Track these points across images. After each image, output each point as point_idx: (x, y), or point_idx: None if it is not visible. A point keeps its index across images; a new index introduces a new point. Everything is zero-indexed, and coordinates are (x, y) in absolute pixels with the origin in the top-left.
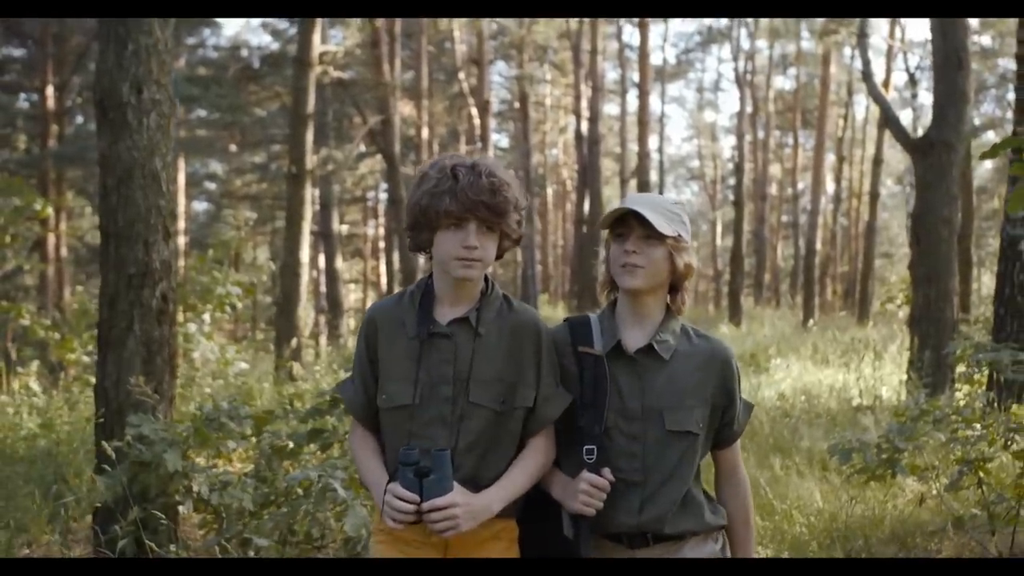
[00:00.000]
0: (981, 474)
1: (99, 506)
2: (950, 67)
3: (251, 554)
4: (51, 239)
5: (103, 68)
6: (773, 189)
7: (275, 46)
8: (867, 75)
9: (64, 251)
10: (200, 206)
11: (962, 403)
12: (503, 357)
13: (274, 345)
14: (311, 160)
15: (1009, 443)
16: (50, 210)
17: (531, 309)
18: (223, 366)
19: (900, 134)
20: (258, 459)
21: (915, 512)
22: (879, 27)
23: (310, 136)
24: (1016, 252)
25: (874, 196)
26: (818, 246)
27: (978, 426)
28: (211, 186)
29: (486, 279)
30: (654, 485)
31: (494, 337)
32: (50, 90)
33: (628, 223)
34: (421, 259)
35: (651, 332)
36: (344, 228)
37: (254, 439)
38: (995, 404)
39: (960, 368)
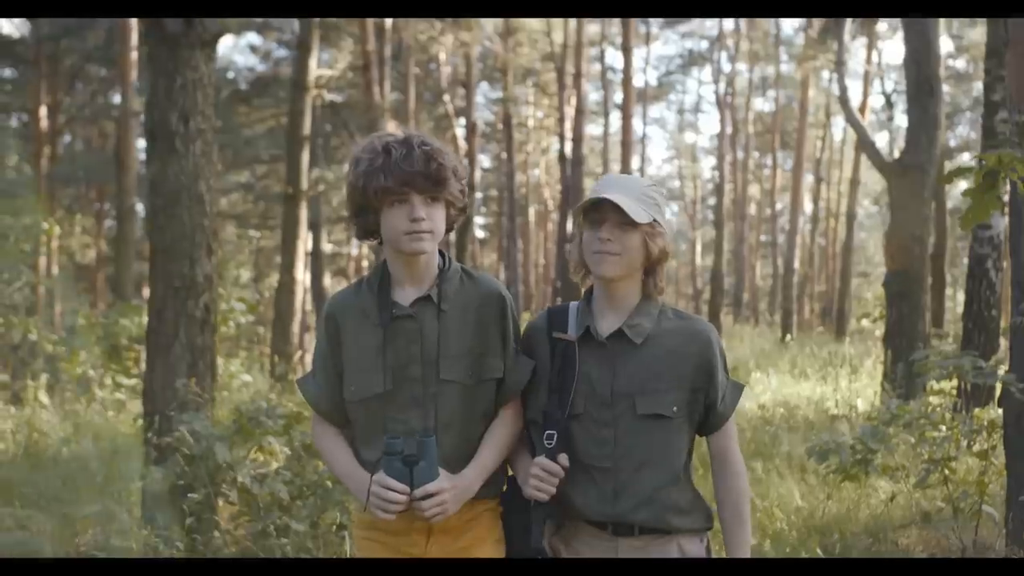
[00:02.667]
0: (947, 472)
1: (149, 497)
2: (923, 95)
3: (284, 541)
4: (42, 257)
5: (153, 100)
6: (752, 209)
7: (262, 67)
8: (844, 101)
9: (55, 269)
10: None
11: (930, 408)
12: (470, 330)
13: (270, 359)
14: (306, 181)
15: (972, 444)
16: (57, 229)
17: (493, 278)
18: (228, 379)
19: (875, 157)
20: (292, 454)
21: (886, 508)
22: (857, 52)
23: (306, 157)
24: (983, 270)
25: (851, 216)
26: (796, 265)
27: (944, 428)
28: None
29: (442, 254)
30: (627, 472)
31: (458, 311)
32: (43, 110)
33: (602, 208)
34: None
35: (624, 317)
36: (328, 247)
37: (285, 437)
38: (962, 409)
39: (932, 373)
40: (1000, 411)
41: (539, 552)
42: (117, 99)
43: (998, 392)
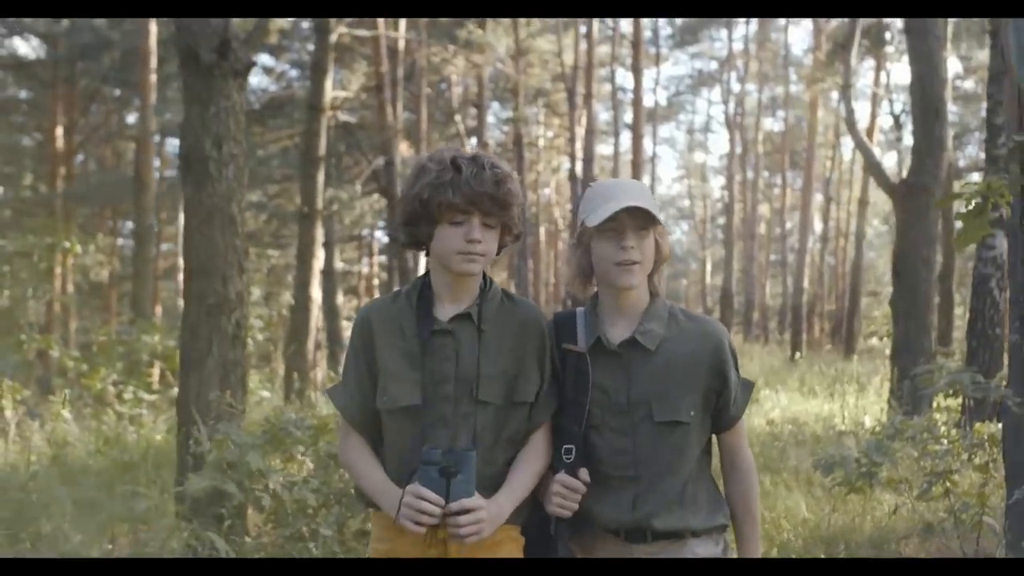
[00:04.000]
0: (948, 485)
1: (183, 504)
2: (928, 117)
3: (311, 546)
4: (57, 274)
5: (188, 126)
6: (762, 228)
7: (273, 88)
8: (851, 124)
9: (70, 287)
10: None
11: (933, 423)
12: (506, 353)
13: (286, 376)
14: (321, 200)
15: (972, 457)
16: (79, 248)
17: (533, 304)
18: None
19: (882, 179)
20: (319, 463)
21: (890, 520)
22: (866, 74)
23: (321, 177)
24: (987, 289)
25: (860, 236)
26: (806, 284)
27: (945, 441)
28: None
29: (484, 275)
30: (648, 480)
31: (497, 332)
32: (59, 131)
33: (617, 218)
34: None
35: (635, 323)
36: (340, 266)
37: (312, 447)
38: (965, 425)
39: (930, 389)
40: (1000, 425)
41: None
42: (131, 119)
43: None
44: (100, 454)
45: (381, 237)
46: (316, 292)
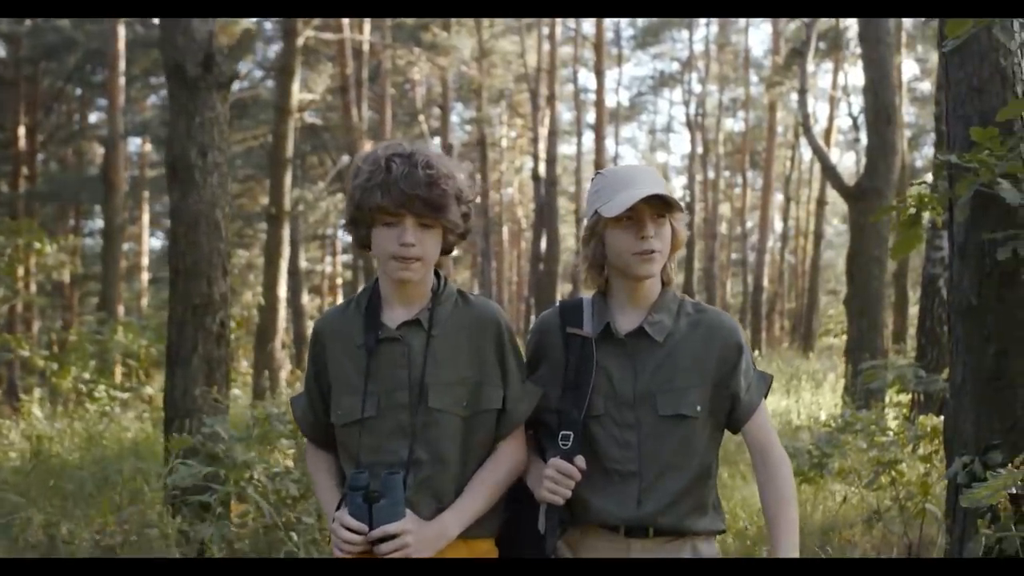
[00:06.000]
0: (894, 474)
1: (172, 494)
2: (881, 122)
3: (293, 534)
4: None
5: (174, 136)
6: (723, 228)
7: (237, 88)
8: (807, 129)
9: (33, 287)
10: (157, 243)
11: (880, 416)
12: (463, 357)
13: (253, 376)
14: (288, 201)
15: (916, 448)
16: (49, 248)
17: (490, 303)
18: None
19: (836, 182)
20: (299, 455)
21: (840, 509)
22: (824, 76)
23: (288, 179)
24: (935, 289)
25: (818, 236)
26: (766, 283)
27: (891, 433)
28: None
29: (438, 275)
30: (651, 476)
31: (451, 337)
32: (21, 131)
33: (634, 206)
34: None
35: (644, 313)
36: (304, 265)
37: (292, 440)
38: (913, 419)
39: (874, 384)
40: (942, 417)
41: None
42: (93, 118)
43: None
44: (82, 449)
45: (345, 236)
46: (283, 292)
